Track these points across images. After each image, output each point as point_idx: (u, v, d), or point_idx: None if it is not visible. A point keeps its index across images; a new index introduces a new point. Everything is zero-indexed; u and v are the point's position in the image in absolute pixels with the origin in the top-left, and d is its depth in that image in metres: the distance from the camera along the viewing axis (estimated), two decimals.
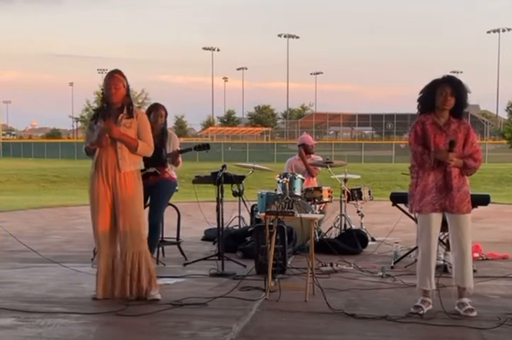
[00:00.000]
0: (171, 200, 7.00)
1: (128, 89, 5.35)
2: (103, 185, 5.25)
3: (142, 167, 5.44)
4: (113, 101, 5.27)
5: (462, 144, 4.90)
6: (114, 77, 5.28)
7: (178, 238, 7.44)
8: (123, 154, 5.22)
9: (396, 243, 7.36)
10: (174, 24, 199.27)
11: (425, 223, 4.97)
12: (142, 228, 5.35)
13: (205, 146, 6.81)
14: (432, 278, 4.95)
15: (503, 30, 78.61)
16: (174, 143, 6.78)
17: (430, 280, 4.94)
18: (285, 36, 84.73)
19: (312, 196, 8.17)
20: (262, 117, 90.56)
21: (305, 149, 8.96)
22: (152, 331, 4.48)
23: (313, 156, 9.08)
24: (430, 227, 4.93)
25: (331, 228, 8.48)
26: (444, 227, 5.07)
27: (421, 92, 4.99)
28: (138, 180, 5.34)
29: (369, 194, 8.89)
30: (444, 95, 4.84)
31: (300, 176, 8.13)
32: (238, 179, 7.68)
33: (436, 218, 4.94)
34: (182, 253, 7.24)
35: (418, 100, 5.02)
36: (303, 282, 5.43)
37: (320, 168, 9.09)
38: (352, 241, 7.71)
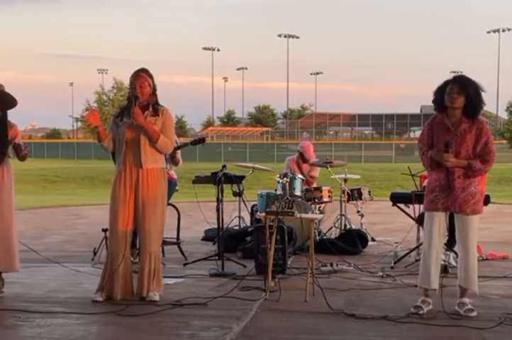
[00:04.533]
0: (171, 200, 7.00)
1: (154, 88, 5.36)
2: (124, 183, 5.24)
3: (165, 166, 5.43)
4: (139, 100, 5.27)
5: (471, 145, 4.84)
6: (139, 76, 5.31)
7: (178, 238, 7.44)
8: (145, 151, 5.22)
9: (396, 243, 7.36)
10: (174, 24, 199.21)
11: (427, 221, 4.98)
12: (162, 228, 5.34)
13: (201, 140, 6.82)
14: (431, 277, 4.93)
15: (503, 30, 78.48)
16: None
17: (429, 279, 4.93)
18: (285, 36, 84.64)
19: (312, 196, 8.17)
20: (262, 117, 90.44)
21: (302, 157, 8.88)
22: (152, 331, 4.48)
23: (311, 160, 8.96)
24: (432, 225, 4.92)
25: (331, 228, 8.48)
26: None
27: (434, 94, 4.98)
28: (162, 179, 5.32)
29: (369, 194, 8.90)
30: (451, 94, 4.82)
31: (300, 176, 8.13)
32: (238, 179, 7.68)
33: (439, 217, 4.92)
34: (182, 253, 7.25)
35: (433, 101, 5.01)
36: (303, 282, 5.43)
37: (319, 169, 9.07)
38: (352, 241, 7.71)
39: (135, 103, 5.21)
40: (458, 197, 4.85)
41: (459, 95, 4.82)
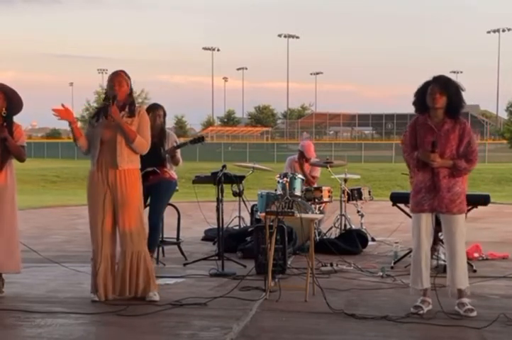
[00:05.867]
0: (171, 200, 7.00)
1: (130, 89, 5.36)
2: (102, 183, 5.23)
3: (139, 166, 5.40)
4: (116, 99, 5.27)
5: (455, 145, 4.86)
6: (118, 75, 5.31)
7: (178, 238, 7.44)
8: (122, 151, 5.20)
9: (396, 243, 7.36)
10: (174, 24, 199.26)
11: (414, 223, 4.99)
12: (142, 227, 5.33)
13: (200, 139, 6.82)
14: (423, 277, 4.94)
15: (503, 30, 78.56)
16: (172, 142, 6.78)
17: (421, 279, 4.94)
18: (285, 36, 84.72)
19: (312, 196, 8.17)
20: (262, 117, 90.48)
21: (303, 156, 8.86)
22: (152, 331, 4.48)
23: (311, 159, 8.96)
24: (420, 226, 4.93)
25: (331, 228, 8.48)
26: (441, 227, 5.07)
27: (414, 95, 5.00)
28: (137, 179, 5.32)
29: (369, 194, 8.89)
30: (433, 94, 4.83)
31: (300, 176, 8.13)
32: (238, 179, 7.68)
33: (426, 218, 4.93)
34: (182, 253, 7.24)
35: (413, 103, 5.03)
36: (303, 282, 5.43)
37: (320, 169, 9.06)
38: (352, 241, 7.71)
39: (113, 102, 5.21)
40: (444, 197, 4.86)
41: (441, 96, 4.83)
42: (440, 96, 4.83)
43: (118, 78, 5.29)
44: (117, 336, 4.52)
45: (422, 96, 4.92)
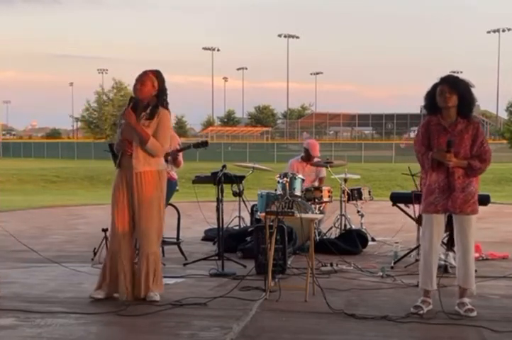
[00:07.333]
0: (172, 200, 7.00)
1: (159, 90, 5.27)
2: (121, 185, 5.26)
3: (162, 168, 5.37)
4: (139, 97, 5.25)
5: (468, 145, 4.84)
6: (145, 74, 5.27)
7: (178, 238, 7.44)
8: (138, 154, 5.20)
9: (396, 243, 7.36)
10: (174, 24, 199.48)
11: (426, 223, 4.96)
12: (159, 229, 5.32)
13: (203, 144, 6.83)
14: (433, 278, 4.94)
15: (503, 30, 78.63)
16: (174, 142, 6.77)
17: (431, 281, 4.94)
18: (285, 36, 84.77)
19: (312, 196, 8.17)
20: (262, 117, 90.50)
21: (307, 155, 8.87)
22: (152, 331, 4.48)
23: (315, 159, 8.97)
24: (432, 227, 4.92)
25: (331, 228, 8.48)
26: (445, 227, 5.06)
27: (425, 99, 4.99)
28: (157, 181, 5.28)
29: (369, 194, 8.89)
30: (443, 94, 4.83)
31: (300, 175, 8.12)
32: (238, 179, 7.68)
33: (438, 219, 4.92)
34: (182, 253, 7.24)
35: (424, 107, 5.03)
36: (303, 282, 5.43)
37: (324, 169, 9.03)
38: (352, 241, 7.71)
39: (129, 104, 5.19)
40: (458, 197, 4.85)
41: (452, 95, 4.82)
42: (450, 95, 4.82)
43: (142, 77, 5.25)
44: (117, 336, 4.53)
45: (432, 98, 4.91)
